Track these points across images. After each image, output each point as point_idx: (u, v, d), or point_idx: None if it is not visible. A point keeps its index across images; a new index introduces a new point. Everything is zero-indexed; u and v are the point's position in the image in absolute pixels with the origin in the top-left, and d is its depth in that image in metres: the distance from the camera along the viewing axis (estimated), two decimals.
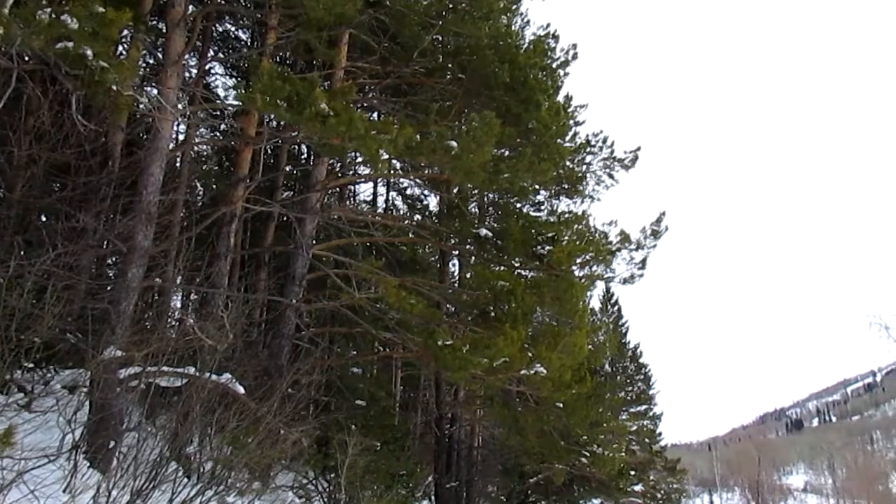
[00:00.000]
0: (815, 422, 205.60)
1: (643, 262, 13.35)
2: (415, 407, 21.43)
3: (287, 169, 15.45)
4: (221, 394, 7.45)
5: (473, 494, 20.27)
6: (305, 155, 16.47)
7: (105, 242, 9.38)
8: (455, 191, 15.38)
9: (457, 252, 16.61)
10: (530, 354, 10.98)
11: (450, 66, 13.59)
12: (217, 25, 14.69)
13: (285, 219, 13.27)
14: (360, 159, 14.44)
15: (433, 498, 18.10)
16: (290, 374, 9.55)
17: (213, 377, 7.31)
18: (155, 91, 8.99)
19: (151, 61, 12.75)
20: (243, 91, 9.76)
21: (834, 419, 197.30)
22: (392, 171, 15.75)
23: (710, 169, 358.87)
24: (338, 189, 16.54)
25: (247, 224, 13.78)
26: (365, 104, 14.47)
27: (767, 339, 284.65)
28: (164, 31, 9.60)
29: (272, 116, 12.67)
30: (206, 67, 14.38)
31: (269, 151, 14.93)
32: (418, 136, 9.60)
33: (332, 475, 11.10)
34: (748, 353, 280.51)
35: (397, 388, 19.86)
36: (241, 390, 8.00)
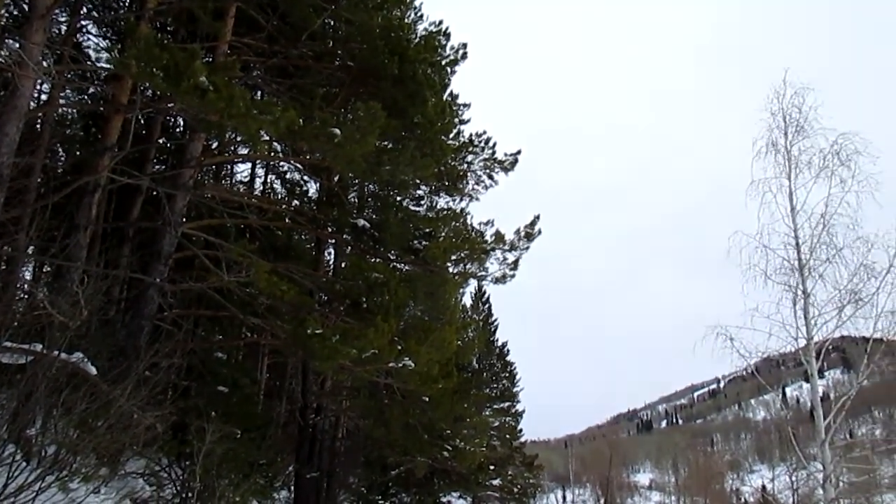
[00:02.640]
0: (664, 423, 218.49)
1: (516, 262, 13.73)
2: (280, 395, 21.03)
3: (160, 141, 14.71)
4: (70, 374, 7.02)
5: (334, 485, 20.13)
6: (181, 129, 15.74)
7: None
8: (335, 179, 15.19)
9: (333, 241, 16.42)
10: (400, 347, 11.03)
11: (339, 52, 13.39)
12: None
13: (154, 193, 12.63)
14: (239, 138, 13.97)
15: (293, 488, 17.85)
16: (149, 356, 9.10)
17: (63, 355, 6.87)
18: (17, 45, 8.35)
19: (16, 12, 11.80)
20: (117, 55, 9.24)
21: (681, 422, 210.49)
22: (272, 154, 15.37)
23: (584, 174, 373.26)
24: (213, 167, 15.95)
25: (111, 196, 12.99)
26: (248, 82, 13.99)
27: (624, 345, 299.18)
28: None
29: (147, 85, 12.04)
30: (78, 25, 13.43)
31: (142, 121, 14.16)
32: (301, 121, 9.41)
33: (188, 463, 10.72)
34: (606, 356, 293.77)
35: (263, 376, 19.41)
36: (93, 371, 7.56)
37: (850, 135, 10.36)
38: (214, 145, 14.52)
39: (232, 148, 14.95)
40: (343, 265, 16.92)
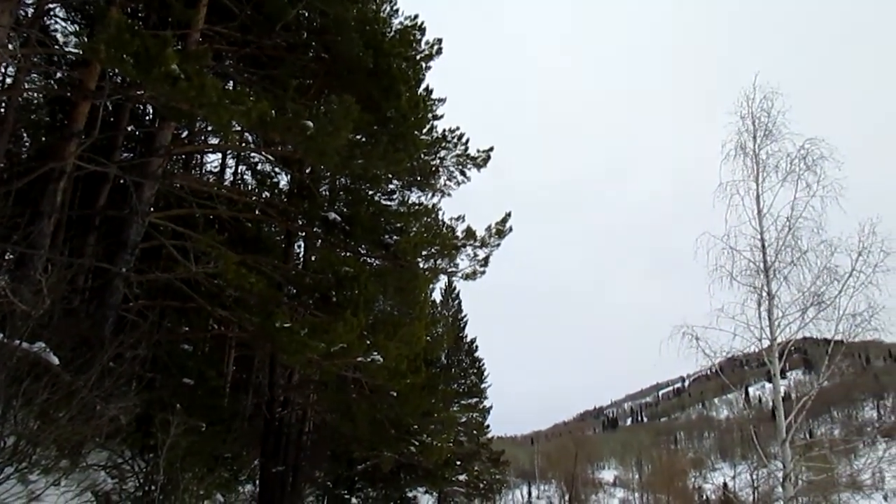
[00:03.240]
0: (629, 421, 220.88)
1: (486, 259, 13.76)
2: (246, 388, 20.84)
3: (128, 129, 14.46)
4: (32, 363, 6.89)
5: (300, 479, 20.03)
6: (150, 116, 15.49)
7: None
8: (307, 171, 15.08)
9: (303, 234, 16.30)
10: (369, 342, 11.01)
11: (313, 44, 13.28)
12: None
13: (122, 182, 12.42)
14: (209, 128, 13.80)
15: (258, 482, 17.73)
16: (113, 346, 8.97)
17: (24, 345, 6.74)
18: None
19: None
20: (86, 40, 9.06)
21: (646, 419, 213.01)
22: (243, 145, 15.21)
23: (555, 172, 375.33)
24: (183, 156, 15.72)
25: (78, 183, 12.73)
26: (220, 71, 13.82)
27: (592, 343, 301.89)
28: None
29: (116, 71, 11.82)
30: (46, 8, 13.14)
31: (110, 108, 13.91)
32: (274, 112, 9.33)
33: (151, 455, 10.58)
34: (574, 354, 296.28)
35: (229, 368, 19.22)
36: (56, 361, 7.43)
37: (816, 140, 10.56)
38: (184, 134, 14.33)
39: (202, 137, 14.76)
40: (313, 258, 16.82)
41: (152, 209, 12.16)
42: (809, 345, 11.97)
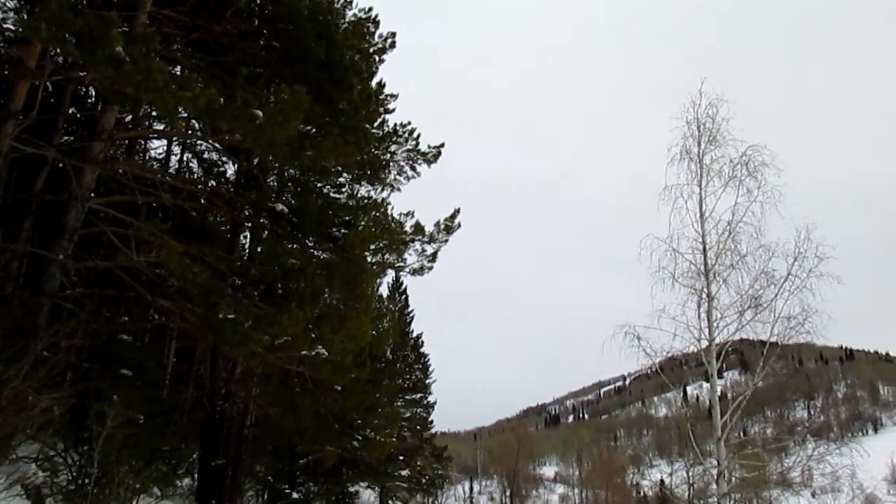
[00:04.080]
0: (571, 418, 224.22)
1: (434, 255, 13.78)
2: (187, 380, 20.43)
3: (69, 111, 14.01)
4: None
5: (240, 473, 19.74)
6: (93, 99, 15.04)
7: None
8: (255, 161, 14.85)
9: (250, 224, 16.06)
10: (314, 335, 10.92)
11: (265, 32, 13.06)
12: None
13: (61, 166, 12.03)
14: (155, 113, 13.47)
15: (196, 475, 17.42)
16: (48, 335, 8.72)
17: None
18: None
19: None
20: (26, 17, 8.74)
21: (587, 417, 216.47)
22: (189, 132, 14.89)
23: (502, 171, 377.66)
24: (126, 141, 15.32)
25: (14, 166, 12.30)
26: (167, 56, 13.49)
27: (537, 341, 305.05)
28: None
29: (57, 51, 11.44)
30: None
31: (50, 89, 13.46)
32: (222, 99, 9.17)
33: (86, 448, 10.33)
34: (519, 351, 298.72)
35: (170, 360, 18.81)
36: None
37: (758, 147, 10.86)
38: (128, 119, 13.95)
39: (147, 123, 14.41)
40: (259, 250, 16.59)
41: (92, 195, 11.81)
42: (746, 346, 12.31)
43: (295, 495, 24.51)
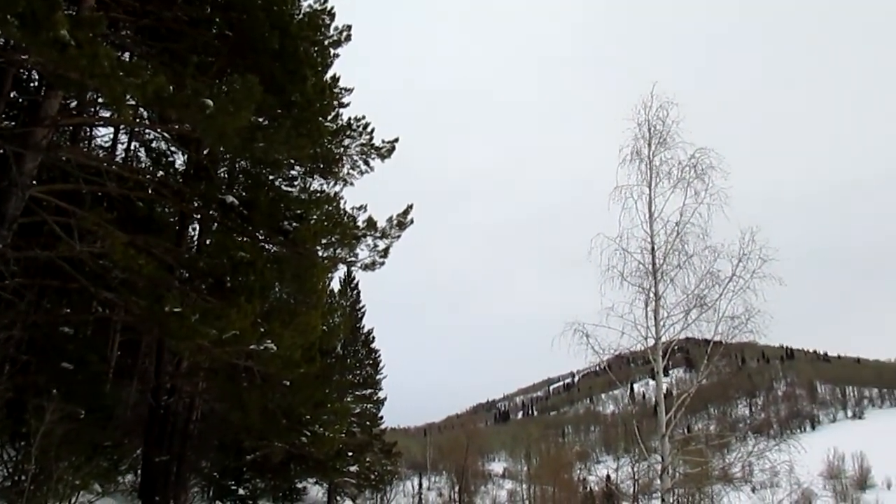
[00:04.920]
0: (520, 414, 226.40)
1: (386, 250, 13.71)
2: (131, 374, 19.99)
3: (11, 95, 13.53)
4: None
5: (185, 469, 19.39)
6: (36, 84, 14.55)
7: None
8: (205, 152, 14.56)
9: (199, 216, 15.76)
10: (262, 330, 10.78)
11: (217, 20, 12.80)
12: None
13: (1, 152, 11.62)
14: (101, 100, 13.11)
15: (140, 472, 17.06)
16: None
17: None
18: None
19: None
20: None
21: (536, 413, 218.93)
22: (137, 120, 14.48)
23: (456, 167, 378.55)
24: (71, 128, 14.88)
25: None
26: (115, 41, 13.13)
27: (488, 337, 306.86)
28: None
29: None
30: None
31: None
32: (172, 88, 8.96)
33: (23, 443, 10.03)
34: (470, 348, 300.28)
35: (113, 353, 18.37)
36: None
37: (706, 150, 11.10)
38: (73, 105, 13.54)
39: (93, 109, 14.01)
40: (208, 242, 16.29)
41: (34, 182, 11.42)
42: (691, 345, 12.58)
43: (241, 492, 24.23)
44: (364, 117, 15.23)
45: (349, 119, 15.17)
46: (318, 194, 14.29)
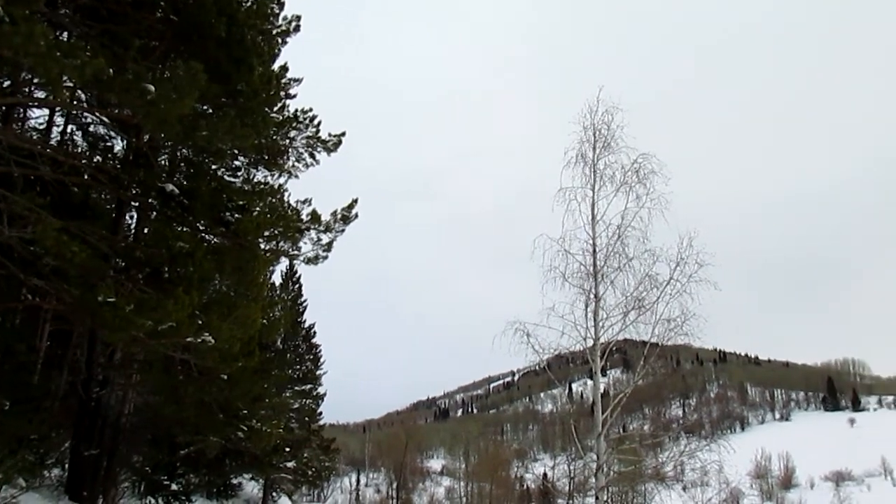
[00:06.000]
0: (460, 412, 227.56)
1: (330, 244, 13.61)
2: (61, 365, 19.33)
3: None
4: None
5: (115, 464, 18.86)
6: None
7: None
8: (146, 138, 14.17)
9: (137, 204, 15.33)
10: (200, 322, 10.56)
11: (163, 3, 12.47)
12: None
13: None
14: (36, 80, 12.62)
15: (67, 466, 16.53)
16: None
17: None
18: None
19: None
20: None
21: (476, 411, 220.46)
22: (74, 103, 14.06)
23: (401, 161, 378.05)
24: (3, 108, 14.30)
25: None
26: (53, 20, 12.68)
27: (430, 335, 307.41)
28: None
29: None
30: None
31: None
32: (112, 71, 8.70)
33: None
34: (412, 345, 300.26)
35: (42, 343, 17.74)
36: None
37: (648, 155, 11.33)
38: (6, 84, 13.02)
39: (27, 90, 13.47)
40: (146, 231, 15.87)
41: None
42: (629, 346, 12.85)
43: (174, 487, 23.67)
44: (311, 109, 15.07)
45: (296, 111, 14.97)
46: (262, 186, 14.08)
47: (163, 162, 15.03)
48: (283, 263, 25.59)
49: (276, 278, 30.61)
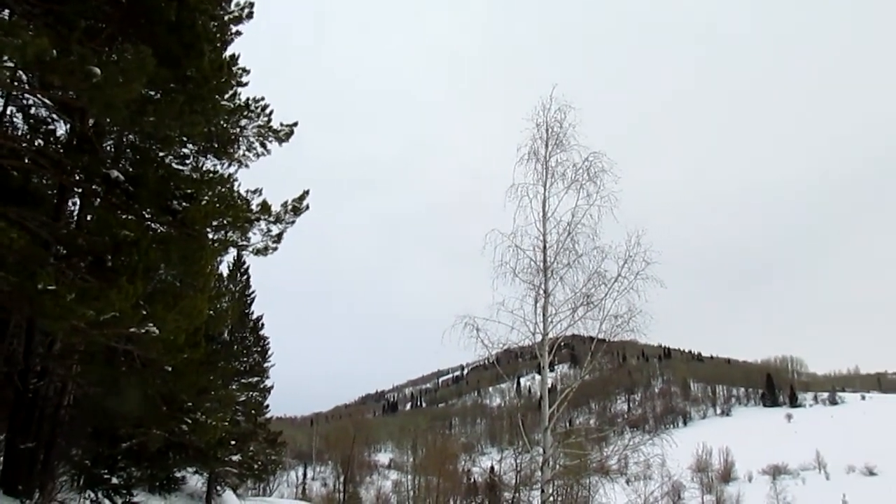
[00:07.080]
0: (409, 406, 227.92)
1: (280, 235, 13.46)
2: None
3: None
4: None
5: (53, 457, 18.33)
6: None
7: None
8: (90, 123, 13.77)
9: (80, 190, 14.89)
10: (144, 312, 10.32)
11: None
12: None
13: None
14: None
15: (2, 459, 16.03)
16: None
17: None
18: None
19: None
20: None
21: (424, 405, 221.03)
22: (15, 84, 13.55)
23: (353, 155, 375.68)
24: None
25: None
26: None
27: (381, 328, 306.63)
28: None
29: None
30: None
31: None
32: (56, 52, 8.43)
33: None
34: (362, 338, 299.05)
35: None
36: None
37: (599, 154, 11.49)
38: None
39: None
40: (89, 218, 15.44)
41: None
42: (577, 341, 13.02)
43: (115, 480, 23.12)
44: (263, 98, 14.83)
45: (247, 99, 14.72)
46: (211, 175, 13.81)
47: (108, 147, 14.62)
48: (232, 254, 25.28)
49: (224, 269, 30.14)
